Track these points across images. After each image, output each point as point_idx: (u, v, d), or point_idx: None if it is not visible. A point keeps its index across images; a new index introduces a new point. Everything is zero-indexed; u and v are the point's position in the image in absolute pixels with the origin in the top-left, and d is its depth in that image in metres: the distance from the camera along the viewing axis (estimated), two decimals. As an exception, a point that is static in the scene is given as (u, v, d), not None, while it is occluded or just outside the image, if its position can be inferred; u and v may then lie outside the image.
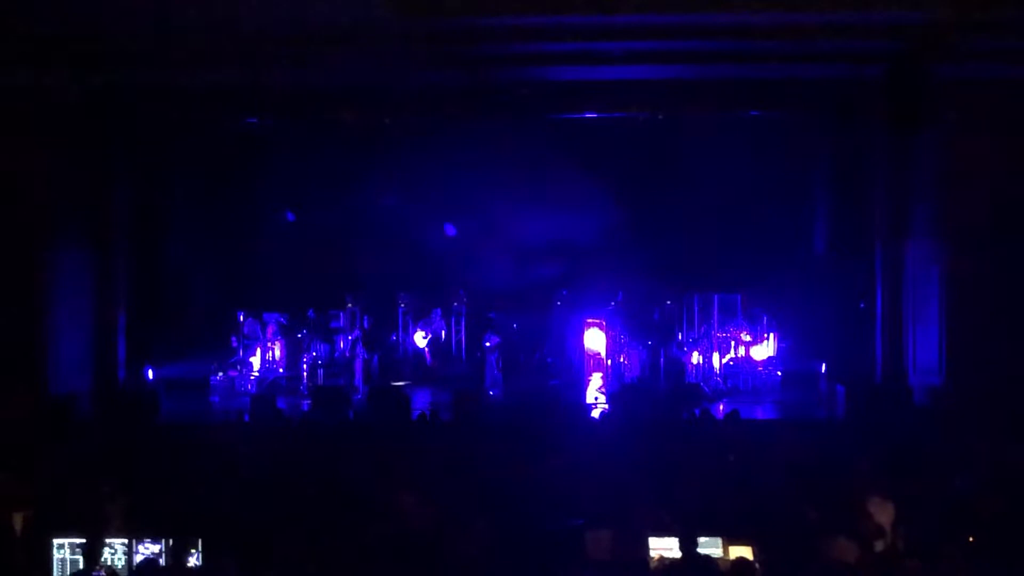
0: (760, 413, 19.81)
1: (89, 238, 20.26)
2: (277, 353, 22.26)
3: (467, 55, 18.07)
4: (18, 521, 10.57)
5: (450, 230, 23.54)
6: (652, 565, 9.39)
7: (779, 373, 21.64)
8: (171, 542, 9.45)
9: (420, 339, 23.01)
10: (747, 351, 21.86)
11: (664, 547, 9.42)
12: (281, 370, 22.14)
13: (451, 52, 17.89)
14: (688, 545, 9.24)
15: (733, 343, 21.91)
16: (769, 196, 22.50)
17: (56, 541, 9.50)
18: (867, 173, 20.77)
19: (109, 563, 9.41)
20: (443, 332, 23.17)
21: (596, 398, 20.67)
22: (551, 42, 17.48)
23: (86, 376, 19.91)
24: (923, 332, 19.64)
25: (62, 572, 9.46)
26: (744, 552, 9.25)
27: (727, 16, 16.12)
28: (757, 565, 9.14)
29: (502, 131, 22.09)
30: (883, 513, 10.12)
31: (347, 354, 22.44)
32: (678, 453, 13.20)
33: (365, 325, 22.55)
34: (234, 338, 22.24)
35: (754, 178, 22.49)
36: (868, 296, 20.70)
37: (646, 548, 9.47)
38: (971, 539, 9.84)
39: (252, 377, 21.91)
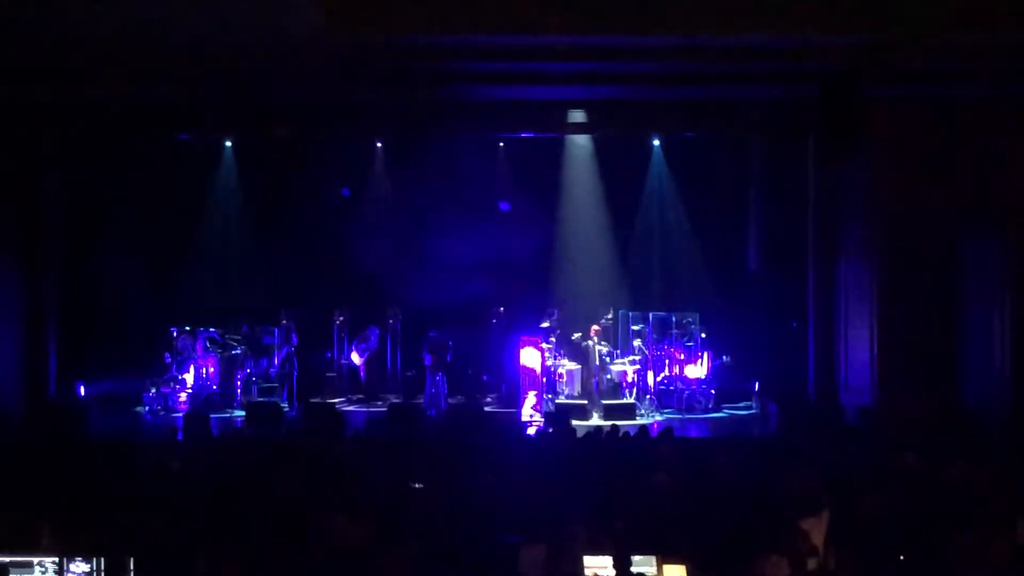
0: (693, 431, 19.90)
1: (20, 252, 20.05)
2: (210, 369, 22.09)
3: (404, 73, 18.06)
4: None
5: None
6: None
7: (712, 391, 21.74)
8: (102, 561, 9.33)
9: (356, 356, 22.91)
10: (681, 369, 21.96)
11: (598, 565, 9.40)
12: (215, 386, 21.97)
13: (387, 70, 17.89)
14: (622, 563, 9.24)
15: (667, 361, 22.00)
16: (703, 215, 22.72)
17: (-15, 559, 9.35)
18: (800, 193, 21.01)
19: (39, 582, 9.27)
20: (378, 349, 23.07)
21: (531, 415, 20.67)
22: (487, 61, 17.51)
23: (15, 391, 19.69)
24: (855, 351, 19.87)
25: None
26: (678, 570, 9.27)
27: (662, 38, 16.24)
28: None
29: (439, 149, 22.15)
30: (815, 531, 10.17)
31: (281, 370, 22.32)
32: (612, 471, 13.20)
33: (296, 341, 22.41)
34: (167, 354, 22.05)
35: (688, 197, 22.73)
36: (801, 315, 20.92)
37: (580, 566, 9.46)
38: (902, 557, 9.93)
39: (185, 393, 21.73)
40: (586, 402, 20.95)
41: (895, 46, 16.58)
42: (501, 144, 22.99)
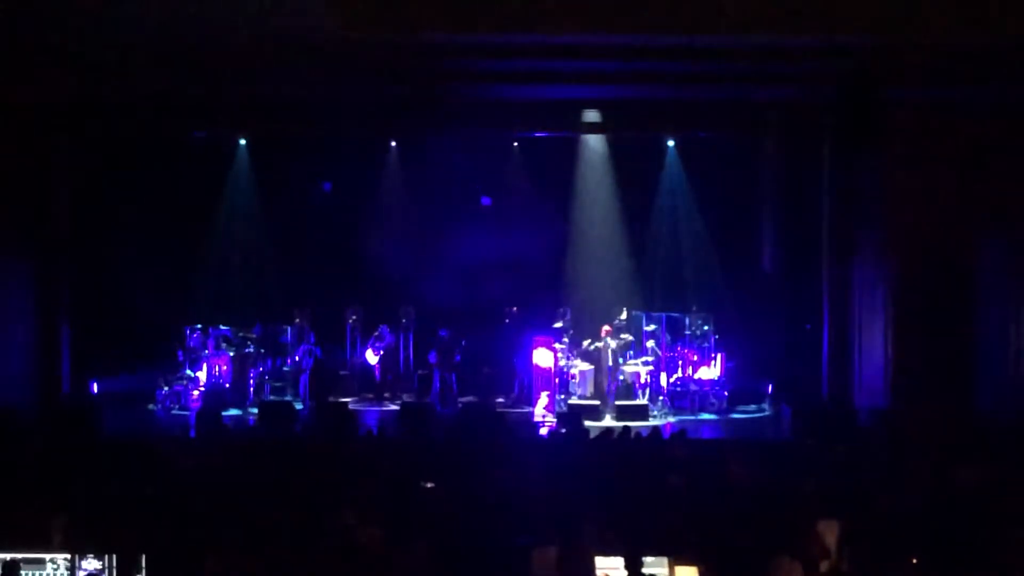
0: (706, 432, 19.88)
1: (34, 250, 20.05)
2: (223, 367, 22.11)
3: (418, 71, 18.07)
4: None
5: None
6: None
7: (726, 393, 21.72)
8: (114, 558, 9.33)
9: (371, 355, 22.88)
10: (694, 370, 21.93)
11: (610, 566, 9.38)
12: (227, 384, 21.98)
13: (402, 68, 17.90)
14: (634, 564, 9.21)
15: (681, 362, 21.98)
16: (717, 216, 22.67)
17: (-2, 557, 9.35)
18: (815, 194, 20.95)
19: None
20: (393, 348, 23.05)
21: (543, 416, 20.65)
22: (502, 59, 17.51)
23: (29, 390, 19.70)
24: (869, 354, 19.81)
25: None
26: (690, 572, 9.24)
27: (676, 38, 16.21)
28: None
29: (453, 148, 22.14)
30: (828, 533, 10.15)
31: (294, 369, 22.34)
32: (625, 472, 13.19)
33: (312, 340, 22.43)
34: (180, 352, 22.08)
35: (702, 198, 22.69)
36: (815, 317, 20.86)
37: (592, 567, 9.44)
38: (914, 560, 9.90)
39: (198, 391, 21.73)
40: (599, 402, 20.92)
41: (912, 48, 16.53)
42: (515, 144, 22.99)
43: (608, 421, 20.16)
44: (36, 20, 15.73)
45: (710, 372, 21.91)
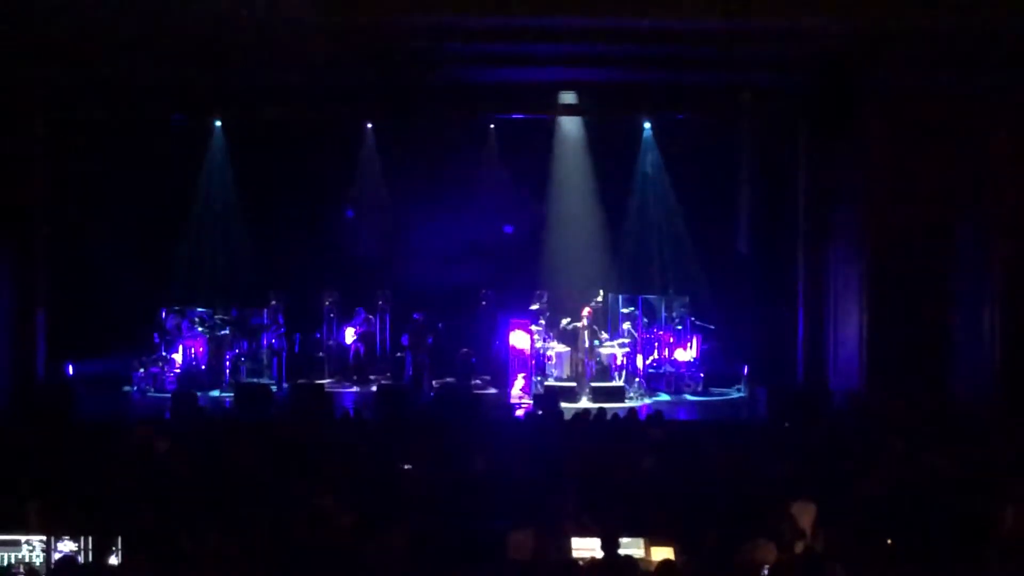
0: (682, 414, 19.94)
1: (9, 232, 19.97)
2: (199, 349, 22.07)
3: (393, 55, 18.02)
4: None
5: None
6: (576, 566, 9.38)
7: (702, 375, 21.78)
8: (90, 540, 9.33)
9: (350, 335, 22.87)
10: (670, 353, 21.99)
11: (586, 547, 9.42)
12: (203, 367, 21.95)
13: (377, 52, 17.84)
14: (610, 545, 9.25)
15: (657, 345, 22.03)
16: (693, 198, 22.66)
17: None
18: (791, 178, 21.01)
19: (27, 560, 9.27)
20: (369, 330, 23.04)
21: (520, 397, 20.69)
22: (477, 42, 17.48)
23: (4, 371, 19.64)
24: (844, 336, 19.91)
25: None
26: (666, 553, 9.28)
27: (655, 21, 16.22)
28: (679, 566, 9.15)
29: (429, 131, 22.07)
30: (803, 515, 10.19)
31: (270, 351, 22.30)
32: (601, 453, 13.22)
33: (285, 322, 22.37)
34: (156, 334, 22.04)
35: (679, 181, 22.68)
36: (791, 300, 20.94)
37: (568, 549, 9.47)
38: (889, 541, 9.95)
39: (174, 373, 21.69)
40: (575, 384, 20.95)
41: (888, 33, 16.57)
42: (492, 126, 22.96)
43: (584, 403, 20.21)
44: (11, 5, 15.65)
45: (686, 354, 21.98)
